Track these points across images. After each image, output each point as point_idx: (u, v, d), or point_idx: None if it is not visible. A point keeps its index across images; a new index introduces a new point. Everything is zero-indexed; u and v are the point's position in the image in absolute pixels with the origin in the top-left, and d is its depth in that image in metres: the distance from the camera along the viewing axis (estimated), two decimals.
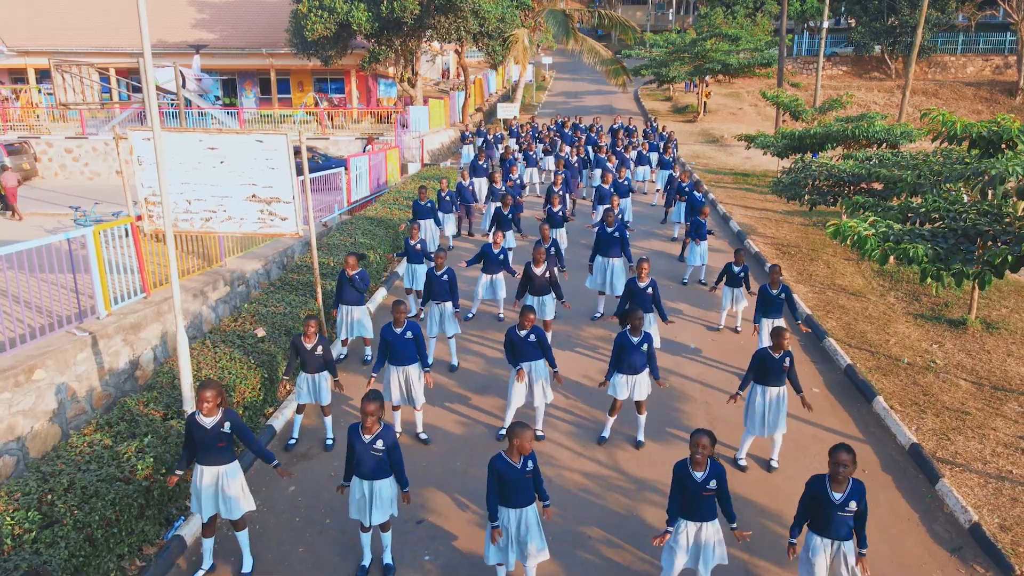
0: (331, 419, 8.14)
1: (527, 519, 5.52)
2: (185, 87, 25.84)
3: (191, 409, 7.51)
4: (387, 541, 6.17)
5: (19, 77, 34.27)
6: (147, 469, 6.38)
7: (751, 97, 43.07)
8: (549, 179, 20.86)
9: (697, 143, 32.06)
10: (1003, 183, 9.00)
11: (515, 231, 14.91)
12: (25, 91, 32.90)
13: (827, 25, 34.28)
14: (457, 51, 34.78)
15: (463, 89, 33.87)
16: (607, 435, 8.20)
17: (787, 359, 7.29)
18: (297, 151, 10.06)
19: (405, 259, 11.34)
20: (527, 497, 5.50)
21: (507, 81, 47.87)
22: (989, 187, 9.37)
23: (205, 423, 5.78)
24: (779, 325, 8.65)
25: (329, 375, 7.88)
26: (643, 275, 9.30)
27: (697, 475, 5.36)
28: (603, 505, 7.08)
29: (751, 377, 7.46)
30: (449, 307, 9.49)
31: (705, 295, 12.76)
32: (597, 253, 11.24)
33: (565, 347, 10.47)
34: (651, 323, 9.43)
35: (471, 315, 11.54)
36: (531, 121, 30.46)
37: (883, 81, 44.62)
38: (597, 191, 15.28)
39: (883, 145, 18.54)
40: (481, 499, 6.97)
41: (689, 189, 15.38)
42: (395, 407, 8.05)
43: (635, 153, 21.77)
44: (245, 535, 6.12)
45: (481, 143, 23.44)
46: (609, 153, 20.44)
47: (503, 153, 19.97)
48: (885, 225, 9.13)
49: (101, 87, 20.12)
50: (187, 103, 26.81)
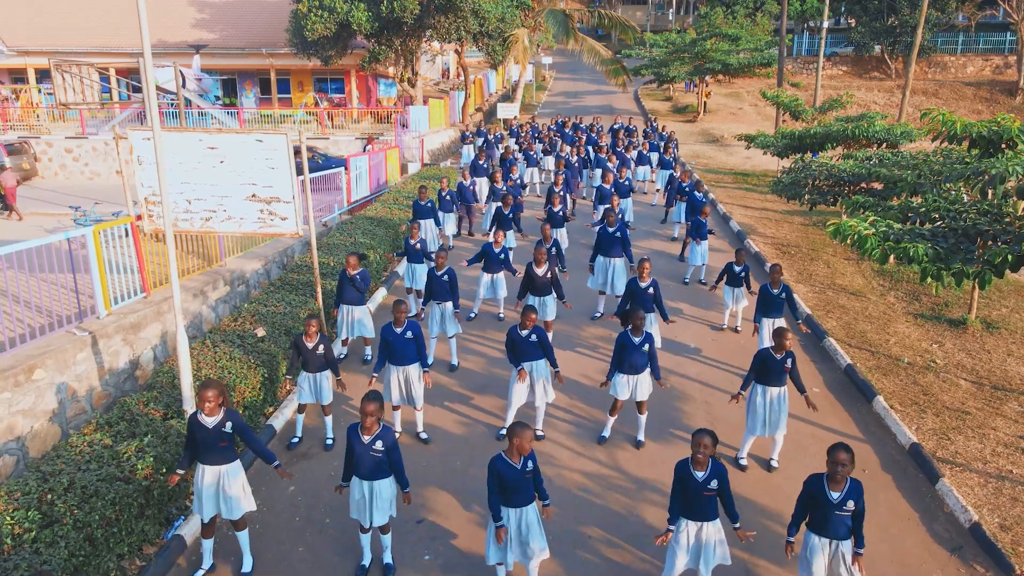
0: (331, 419, 8.14)
1: (527, 518, 5.52)
2: (185, 87, 25.85)
3: (191, 409, 7.52)
4: (387, 542, 6.16)
5: (19, 77, 34.27)
6: (147, 469, 6.38)
7: (751, 97, 43.08)
8: (549, 179, 20.87)
9: (697, 143, 32.06)
10: (1003, 183, 9.00)
11: (515, 231, 14.92)
12: (25, 91, 32.90)
13: (827, 25, 34.30)
14: (457, 51, 34.78)
15: (463, 89, 33.88)
16: (607, 435, 8.19)
17: (789, 360, 7.28)
18: (297, 151, 10.06)
19: (405, 259, 11.36)
20: (527, 497, 5.51)
21: (507, 81, 47.87)
22: (989, 187, 9.38)
23: (207, 423, 5.78)
24: (781, 326, 8.64)
25: (331, 374, 7.88)
26: (644, 275, 9.30)
27: (698, 475, 5.37)
28: (603, 505, 7.08)
29: (752, 377, 7.46)
30: (450, 307, 9.49)
31: (706, 295, 12.77)
32: (598, 253, 11.24)
33: (565, 347, 10.47)
34: (652, 323, 9.43)
35: (473, 315, 11.55)
36: (531, 121, 30.46)
37: (883, 81, 44.62)
38: (598, 191, 15.29)
39: (883, 145, 18.55)
40: (481, 499, 6.97)
41: (690, 189, 15.39)
42: (395, 407, 8.05)
43: (635, 153, 21.79)
44: (245, 535, 6.12)
45: (481, 143, 23.44)
46: (610, 153, 20.44)
47: (503, 153, 19.97)
48: (885, 224, 9.14)
49: (101, 87, 20.13)
50: (187, 103, 26.81)
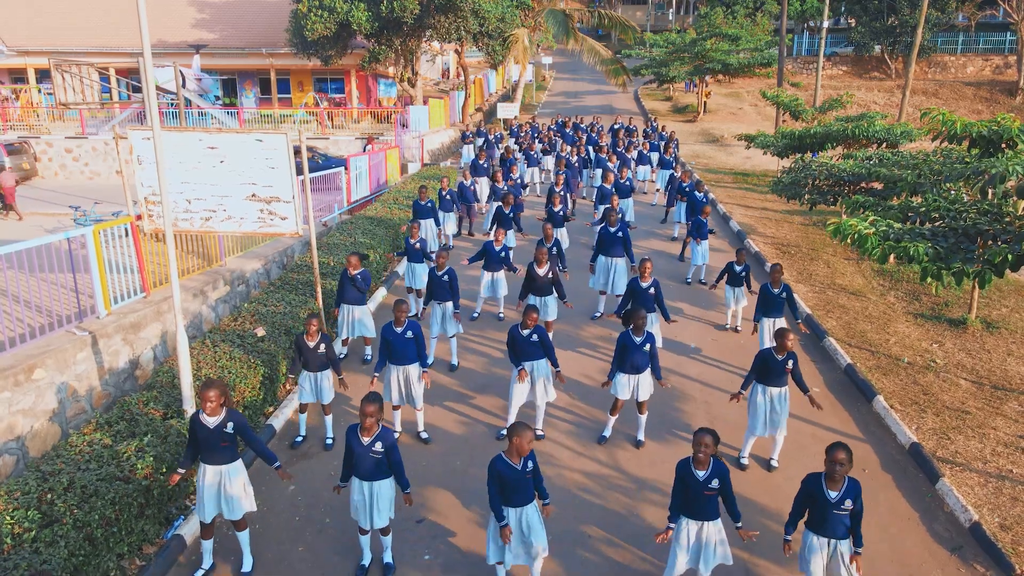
0: (331, 418, 8.14)
1: (528, 517, 5.52)
2: (185, 87, 25.85)
3: (191, 408, 7.52)
4: (387, 542, 6.16)
5: (19, 77, 34.27)
6: (147, 468, 6.38)
7: (751, 97, 43.08)
8: (549, 179, 20.87)
9: (697, 143, 32.06)
10: (1003, 182, 9.01)
11: (516, 230, 14.93)
12: (25, 91, 32.89)
13: (827, 25, 34.31)
14: (457, 51, 34.78)
15: (463, 89, 33.88)
16: (608, 435, 8.19)
17: (791, 360, 7.27)
18: (297, 151, 10.06)
19: (405, 258, 11.36)
20: (527, 496, 5.51)
21: (507, 81, 47.87)
22: (989, 186, 9.39)
23: (208, 422, 5.77)
24: (782, 327, 8.62)
25: (333, 374, 7.87)
26: (646, 275, 9.30)
27: (699, 474, 5.36)
28: (603, 505, 7.07)
29: (753, 377, 7.46)
30: (450, 307, 9.49)
31: (706, 295, 12.77)
32: (600, 253, 11.23)
33: (566, 346, 10.47)
34: (653, 323, 9.42)
35: (476, 315, 11.55)
36: (531, 121, 30.46)
37: (883, 81, 44.62)
38: (599, 191, 15.29)
39: (883, 145, 18.55)
40: (481, 498, 6.97)
41: (690, 189, 15.39)
42: (395, 407, 8.05)
43: (636, 153, 21.79)
44: (246, 535, 6.12)
45: (481, 143, 23.44)
46: (610, 153, 20.44)
47: (503, 153, 19.97)
48: (885, 224, 9.14)
49: (101, 87, 20.14)
50: (187, 103, 26.81)
